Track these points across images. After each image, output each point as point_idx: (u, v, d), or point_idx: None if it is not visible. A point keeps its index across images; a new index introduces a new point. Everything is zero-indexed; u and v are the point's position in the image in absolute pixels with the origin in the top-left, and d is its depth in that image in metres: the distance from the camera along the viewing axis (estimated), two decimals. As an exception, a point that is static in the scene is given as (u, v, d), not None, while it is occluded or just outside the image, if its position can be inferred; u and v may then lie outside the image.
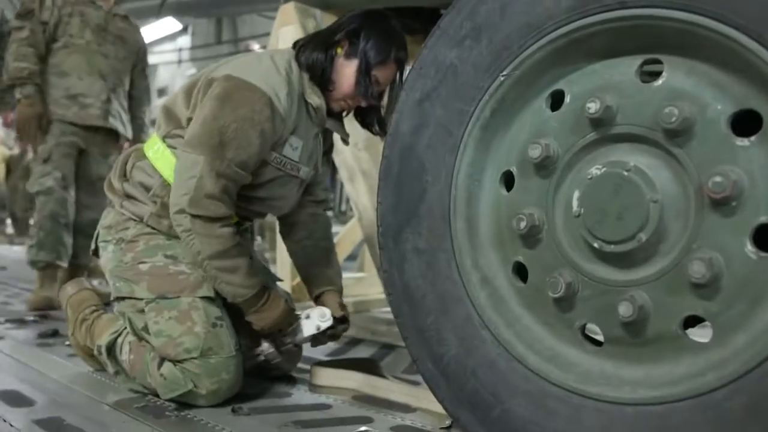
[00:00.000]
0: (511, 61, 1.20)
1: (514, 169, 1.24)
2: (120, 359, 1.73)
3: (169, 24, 8.36)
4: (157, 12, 4.61)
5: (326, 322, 1.74)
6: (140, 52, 3.59)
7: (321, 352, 2.20)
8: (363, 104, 1.79)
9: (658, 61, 1.10)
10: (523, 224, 1.19)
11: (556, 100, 1.22)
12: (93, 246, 1.86)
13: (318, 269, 1.93)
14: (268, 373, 1.88)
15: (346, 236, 3.09)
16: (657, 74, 1.10)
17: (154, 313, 1.65)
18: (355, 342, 2.43)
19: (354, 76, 1.72)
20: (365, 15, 1.77)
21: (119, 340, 1.75)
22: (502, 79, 1.21)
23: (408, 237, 1.32)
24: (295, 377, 1.92)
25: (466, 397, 1.23)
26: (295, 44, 1.82)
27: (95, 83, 3.25)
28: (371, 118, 1.85)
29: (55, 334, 2.48)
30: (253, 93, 1.61)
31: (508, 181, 1.27)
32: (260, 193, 1.75)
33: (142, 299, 1.67)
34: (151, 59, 9.80)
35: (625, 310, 1.06)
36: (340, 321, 1.85)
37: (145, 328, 1.67)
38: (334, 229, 3.25)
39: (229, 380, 1.64)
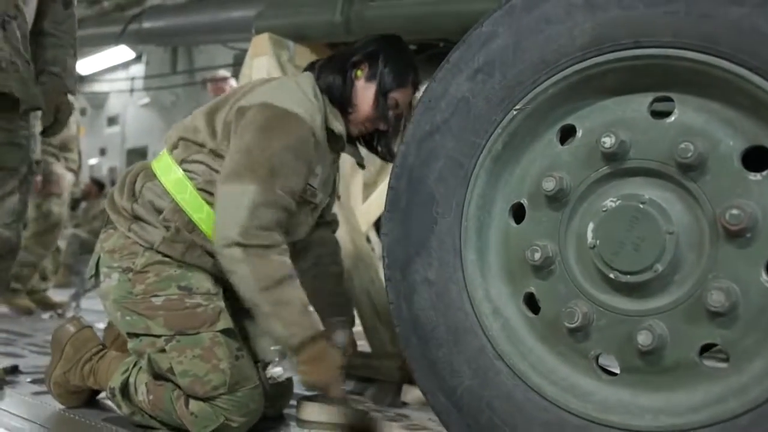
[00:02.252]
0: (524, 96, 1.22)
1: (524, 201, 1.27)
2: (137, 400, 1.66)
3: (123, 52, 8.22)
4: (117, 39, 4.53)
5: None
6: None
7: (300, 387, 2.15)
8: (382, 127, 1.78)
9: (668, 99, 1.14)
10: (537, 255, 1.21)
11: (565, 134, 1.25)
12: (92, 271, 1.75)
13: (328, 298, 1.89)
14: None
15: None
16: (665, 113, 1.15)
17: (176, 352, 1.59)
18: (331, 376, 2.39)
19: (373, 99, 1.73)
20: (382, 38, 1.79)
21: (131, 380, 1.68)
22: (515, 113, 1.24)
23: (417, 269, 1.32)
24: (282, 413, 1.87)
25: (480, 429, 1.22)
26: (311, 66, 1.81)
27: None
28: (380, 141, 1.85)
29: (14, 370, 2.35)
30: (296, 122, 1.60)
31: (516, 213, 1.29)
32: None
33: (159, 336, 1.60)
34: (103, 87, 9.63)
35: (644, 339, 1.09)
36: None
37: (170, 370, 1.59)
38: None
39: (256, 409, 1.63)
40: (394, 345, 2.34)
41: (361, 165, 1.94)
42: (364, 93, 1.74)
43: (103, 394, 1.93)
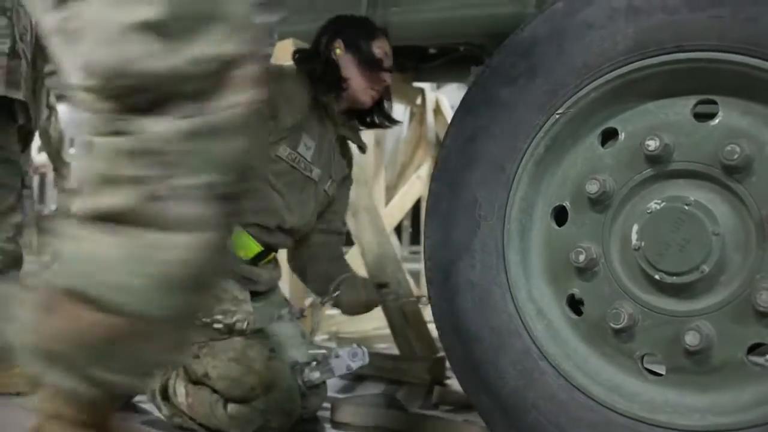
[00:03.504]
0: (566, 100, 1.24)
1: (567, 204, 1.28)
2: (176, 402, 1.68)
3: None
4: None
5: (357, 362, 1.72)
6: None
7: (331, 390, 2.17)
8: (387, 81, 1.88)
9: (712, 101, 1.16)
10: (581, 257, 1.22)
11: (606, 137, 1.27)
12: None
13: (327, 267, 1.95)
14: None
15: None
16: (708, 115, 1.16)
17: (210, 357, 1.61)
18: (360, 379, 2.41)
19: (363, 60, 1.82)
20: (335, 19, 1.92)
21: (170, 383, 1.70)
22: (557, 117, 1.25)
23: (460, 271, 1.33)
24: (316, 415, 1.89)
25: (526, 429, 1.24)
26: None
27: None
28: (376, 111, 1.95)
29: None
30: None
31: (557, 215, 1.31)
32: (278, 198, 1.76)
33: (192, 344, 1.63)
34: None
35: (691, 339, 1.10)
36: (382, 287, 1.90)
37: (206, 375, 1.62)
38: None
39: (293, 409, 1.64)
40: (423, 347, 2.36)
41: (361, 149, 2.02)
42: (351, 63, 1.83)
43: (139, 397, 1.96)
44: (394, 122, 2.03)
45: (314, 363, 1.73)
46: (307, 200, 1.84)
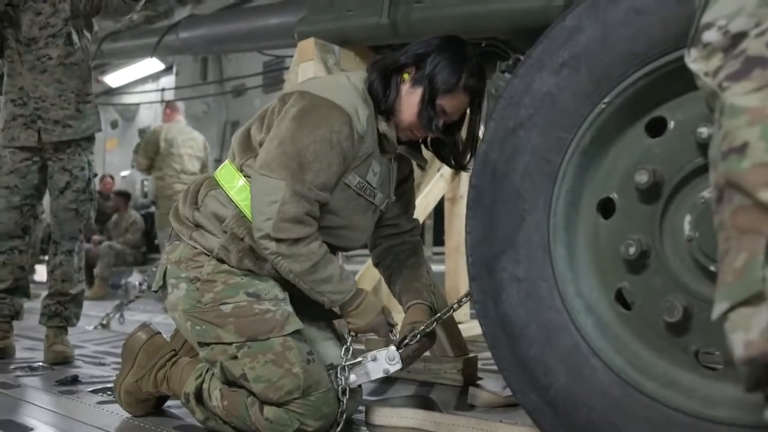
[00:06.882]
0: (612, 89, 1.21)
1: (614, 196, 1.25)
2: (210, 405, 1.66)
3: (153, 64, 8.29)
4: (153, 50, 4.54)
5: (394, 365, 1.69)
6: None
7: (363, 393, 2.14)
8: (432, 135, 1.71)
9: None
10: (632, 250, 1.19)
11: (654, 126, 1.23)
12: (160, 283, 1.74)
13: (405, 284, 1.87)
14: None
15: (368, 272, 3.03)
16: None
17: (248, 359, 1.58)
18: (391, 381, 2.38)
19: (418, 106, 1.64)
20: (437, 39, 1.69)
21: (204, 385, 1.67)
22: (603, 106, 1.22)
23: (505, 266, 1.30)
24: (351, 417, 1.86)
25: (578, 427, 1.21)
26: (368, 67, 1.76)
27: None
28: (446, 151, 1.79)
29: (74, 380, 2.36)
30: (331, 110, 1.57)
31: (604, 207, 1.28)
32: (339, 220, 1.69)
33: (230, 344, 1.60)
34: (133, 99, 9.73)
35: (752, 332, 1.06)
36: (428, 336, 1.78)
37: (243, 376, 1.59)
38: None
39: (330, 413, 1.61)
40: (454, 348, 2.32)
41: (421, 167, 1.92)
42: (408, 98, 1.65)
43: (170, 402, 1.94)
44: (456, 167, 1.84)
45: (350, 366, 1.70)
46: (366, 225, 1.78)
